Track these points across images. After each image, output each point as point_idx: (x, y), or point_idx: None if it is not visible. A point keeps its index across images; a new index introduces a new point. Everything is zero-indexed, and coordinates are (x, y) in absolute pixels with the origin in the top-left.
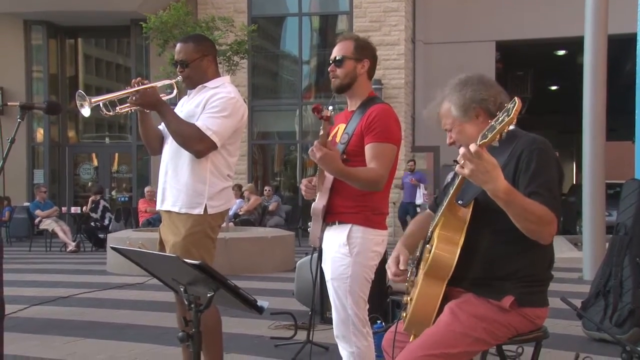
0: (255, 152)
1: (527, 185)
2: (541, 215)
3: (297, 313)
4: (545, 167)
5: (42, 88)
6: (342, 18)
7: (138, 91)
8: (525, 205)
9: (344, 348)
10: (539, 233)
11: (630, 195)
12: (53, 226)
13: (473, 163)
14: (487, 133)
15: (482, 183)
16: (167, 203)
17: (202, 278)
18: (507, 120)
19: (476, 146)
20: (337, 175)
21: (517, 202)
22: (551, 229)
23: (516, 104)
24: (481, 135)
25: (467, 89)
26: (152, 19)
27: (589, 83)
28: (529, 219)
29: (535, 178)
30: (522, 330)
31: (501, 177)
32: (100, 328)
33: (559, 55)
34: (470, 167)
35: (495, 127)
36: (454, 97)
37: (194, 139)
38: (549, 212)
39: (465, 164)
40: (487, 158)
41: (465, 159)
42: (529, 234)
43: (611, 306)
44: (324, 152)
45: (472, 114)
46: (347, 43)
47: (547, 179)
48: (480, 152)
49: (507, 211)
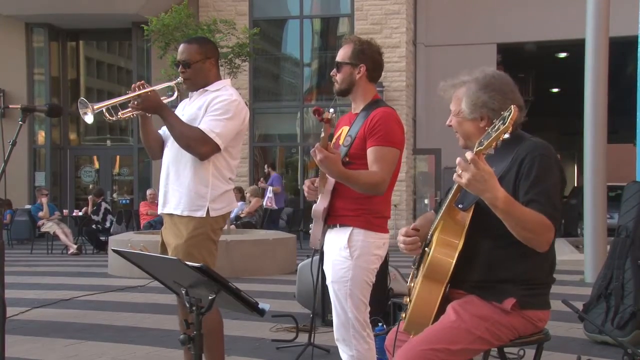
0: (256, 154)
1: (526, 192)
2: (537, 224)
3: (299, 315)
4: (546, 174)
5: (44, 91)
6: (344, 20)
7: (140, 95)
8: (522, 214)
9: (344, 351)
10: (535, 241)
11: (631, 198)
12: (54, 229)
13: (469, 172)
14: (482, 141)
15: (479, 192)
16: (169, 206)
17: (203, 280)
18: (502, 129)
19: (472, 154)
20: (338, 178)
21: (514, 211)
22: (548, 237)
23: (512, 112)
24: (477, 143)
25: (486, 93)
26: (154, 22)
27: (591, 85)
28: (526, 228)
29: (535, 185)
30: (524, 332)
31: (498, 186)
32: (102, 330)
33: (560, 57)
34: (467, 176)
35: (491, 134)
36: (470, 92)
37: (198, 142)
38: (546, 220)
39: (462, 173)
40: (483, 167)
41: (461, 168)
42: (525, 242)
43: (613, 309)
44: (324, 155)
45: (477, 116)
46: (346, 48)
47: (547, 186)
48: (477, 161)
49: (503, 220)
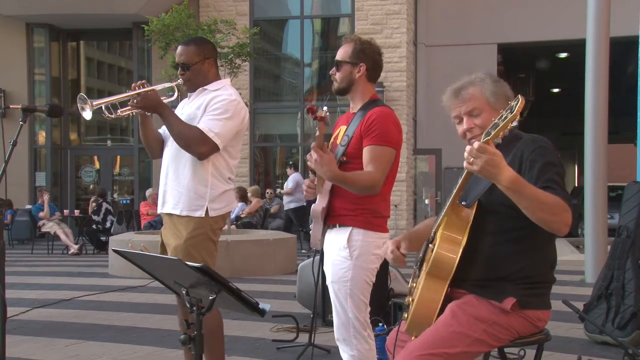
0: (257, 154)
1: (536, 181)
2: (554, 204)
3: (299, 315)
4: (550, 164)
5: (44, 91)
6: (344, 21)
7: (139, 94)
8: (538, 194)
9: (345, 351)
10: (555, 223)
11: (632, 198)
12: (55, 229)
13: (480, 158)
14: (490, 130)
15: (493, 177)
16: (168, 206)
17: (203, 281)
18: (509, 117)
19: (480, 143)
20: (332, 179)
21: (529, 191)
22: (566, 217)
23: (519, 101)
24: (485, 133)
25: (504, 87)
26: (154, 22)
27: (591, 85)
28: (543, 209)
29: (542, 174)
30: (524, 332)
31: (509, 168)
32: (102, 330)
33: (561, 57)
34: (480, 162)
35: (499, 124)
36: (488, 85)
37: (197, 141)
38: (562, 201)
39: (474, 160)
40: (493, 151)
41: (471, 156)
42: (544, 225)
43: (613, 309)
44: (320, 154)
45: (499, 105)
46: (347, 47)
47: (554, 173)
48: (485, 147)
49: (519, 203)
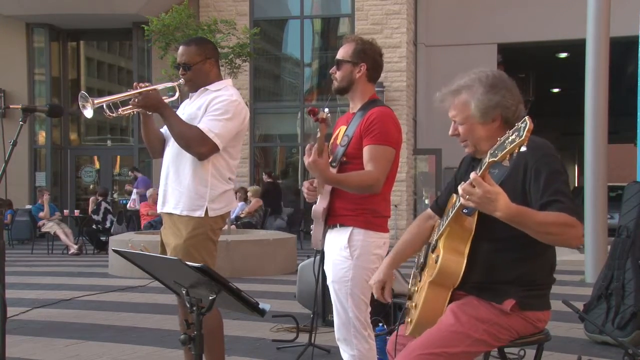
0: (257, 154)
1: (542, 194)
2: (558, 225)
3: (299, 315)
4: (555, 173)
5: (45, 91)
6: (344, 21)
7: (140, 93)
8: (539, 221)
9: (345, 351)
10: (564, 241)
11: (632, 198)
12: (55, 229)
13: (476, 195)
14: (496, 152)
15: (491, 212)
16: (169, 205)
17: (203, 281)
18: (517, 142)
19: (476, 175)
20: (329, 183)
21: (531, 220)
22: (574, 232)
23: (527, 124)
24: (489, 154)
25: (497, 94)
26: (154, 22)
27: (591, 85)
28: (550, 232)
29: (548, 186)
30: (524, 333)
31: (509, 203)
32: (102, 331)
33: (561, 57)
34: (476, 199)
35: (506, 146)
36: (478, 95)
37: (197, 142)
38: (568, 218)
39: (470, 197)
40: (489, 189)
41: (467, 193)
42: (554, 244)
43: (613, 309)
44: (313, 159)
45: (490, 118)
46: (348, 46)
47: (561, 184)
48: (481, 182)
49: (525, 231)
